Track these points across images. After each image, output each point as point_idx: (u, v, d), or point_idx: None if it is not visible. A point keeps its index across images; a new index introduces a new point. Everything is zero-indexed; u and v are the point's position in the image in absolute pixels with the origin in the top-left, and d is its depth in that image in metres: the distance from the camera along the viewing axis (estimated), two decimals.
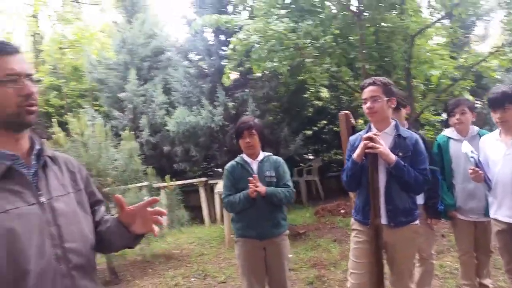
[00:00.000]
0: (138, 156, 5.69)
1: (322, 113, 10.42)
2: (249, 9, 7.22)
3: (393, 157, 2.47)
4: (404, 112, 3.40)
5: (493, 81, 8.34)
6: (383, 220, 2.58)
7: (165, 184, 6.23)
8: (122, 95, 8.96)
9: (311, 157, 10.49)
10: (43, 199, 1.28)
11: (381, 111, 2.59)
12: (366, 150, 2.47)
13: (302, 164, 9.56)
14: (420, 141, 2.68)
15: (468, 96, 6.36)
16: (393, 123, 2.68)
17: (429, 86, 6.20)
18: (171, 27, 19.73)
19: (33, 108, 1.28)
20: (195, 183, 7.97)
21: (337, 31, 6.76)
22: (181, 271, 5.11)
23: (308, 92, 10.10)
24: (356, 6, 6.05)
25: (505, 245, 2.89)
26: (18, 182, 1.25)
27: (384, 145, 2.48)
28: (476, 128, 3.36)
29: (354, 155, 2.55)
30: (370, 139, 2.45)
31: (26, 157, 1.32)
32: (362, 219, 2.69)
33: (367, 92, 2.63)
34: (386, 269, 2.71)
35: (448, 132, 3.51)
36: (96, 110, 9.97)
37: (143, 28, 9.74)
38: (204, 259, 5.51)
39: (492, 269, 3.68)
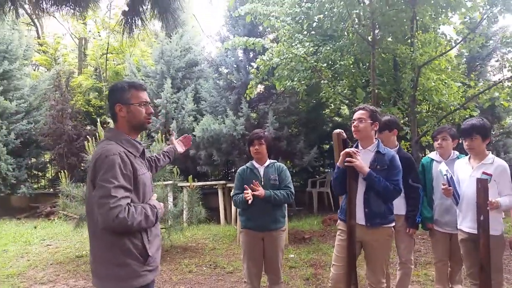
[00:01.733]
0: None
1: (341, 129, 10.93)
2: (276, 33, 7.94)
3: (366, 169, 3.06)
4: (389, 135, 3.97)
5: (506, 111, 8.74)
6: (361, 221, 3.14)
7: (188, 184, 6.98)
8: (157, 101, 9.85)
9: (327, 170, 11.03)
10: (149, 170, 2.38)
11: (364, 131, 3.20)
12: (345, 164, 3.08)
13: (317, 176, 10.14)
14: (396, 158, 3.26)
15: None
16: (375, 142, 3.28)
17: (433, 112, 6.72)
18: (206, 42, 20.70)
19: (150, 121, 2.30)
20: (214, 185, 8.69)
21: (355, 57, 7.39)
22: (195, 260, 5.82)
23: (328, 109, 10.70)
24: (371, 37, 6.66)
25: (467, 252, 3.41)
26: (143, 157, 2.29)
27: (360, 160, 3.09)
28: (456, 153, 3.91)
29: (338, 162, 3.14)
30: (349, 155, 3.07)
31: None
32: (344, 218, 3.29)
33: (356, 114, 3.26)
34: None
35: (432, 154, 4.09)
36: None
37: (181, 42, 10.66)
38: (216, 253, 6.21)
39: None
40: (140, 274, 2.07)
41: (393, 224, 3.28)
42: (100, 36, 14.82)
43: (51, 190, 10.67)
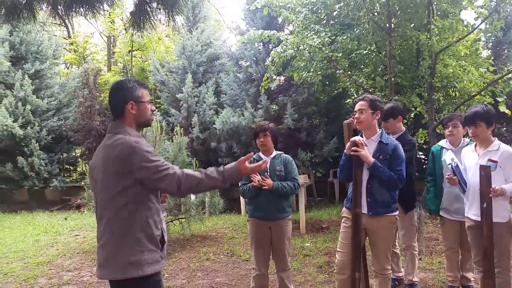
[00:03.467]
0: (186, 149, 6.67)
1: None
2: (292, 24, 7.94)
3: (371, 159, 3.10)
4: (394, 122, 3.99)
5: None
6: (364, 210, 3.19)
7: None
8: (179, 95, 10.09)
9: None
10: None
11: (365, 121, 3.23)
12: (351, 153, 3.12)
13: None
14: (399, 147, 3.29)
15: (505, 109, 6.65)
16: (379, 132, 3.30)
17: (450, 99, 6.59)
18: (226, 35, 20.87)
19: (153, 118, 2.41)
20: None
21: (376, 44, 7.32)
22: (213, 249, 6.01)
23: (350, 99, 10.61)
24: (387, 24, 6.57)
25: (474, 239, 3.40)
26: None
27: (365, 150, 3.12)
28: (466, 140, 3.88)
29: (345, 149, 3.19)
30: (355, 144, 3.10)
31: None
32: (350, 206, 3.35)
33: (357, 106, 3.30)
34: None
35: (442, 142, 4.06)
36: (156, 108, 11.23)
37: (201, 37, 10.83)
38: (234, 241, 6.38)
39: None
40: (159, 260, 2.19)
41: (397, 212, 3.32)
42: (126, 33, 15.21)
43: (82, 183, 11.15)
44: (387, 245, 3.30)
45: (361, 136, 3.28)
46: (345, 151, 3.20)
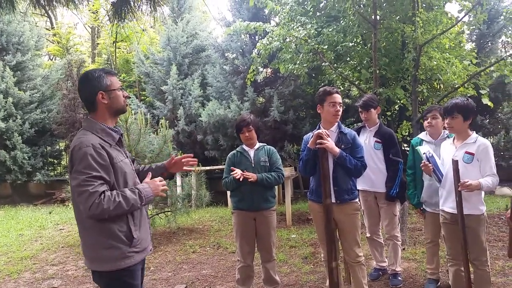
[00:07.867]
0: (171, 142, 6.63)
1: (350, 111, 10.84)
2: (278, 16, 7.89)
3: (337, 150, 3.16)
4: (374, 112, 4.05)
5: None
6: (332, 199, 3.23)
7: (193, 168, 7.14)
8: (164, 87, 10.00)
9: None
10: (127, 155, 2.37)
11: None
12: (317, 146, 3.13)
13: None
14: (357, 136, 3.41)
15: (487, 102, 6.74)
16: (336, 123, 3.36)
17: (434, 91, 6.66)
18: (212, 27, 20.64)
19: (127, 105, 2.37)
20: (222, 170, 8.83)
21: (362, 36, 7.34)
22: (199, 241, 6.01)
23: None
24: (373, 16, 6.58)
25: (448, 232, 3.43)
26: (120, 145, 2.30)
27: (330, 141, 3.16)
28: (446, 132, 3.87)
29: (309, 144, 3.24)
30: (320, 137, 3.13)
31: None
32: (315, 198, 3.40)
33: (338, 98, 3.31)
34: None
35: (422, 135, 4.08)
36: (142, 100, 11.12)
37: (187, 28, 10.71)
38: (220, 234, 6.38)
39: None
40: (126, 255, 2.15)
41: (357, 199, 3.42)
42: (110, 23, 14.95)
43: (66, 176, 11.01)
44: (356, 231, 3.36)
45: (318, 128, 3.34)
46: (308, 145, 3.25)
